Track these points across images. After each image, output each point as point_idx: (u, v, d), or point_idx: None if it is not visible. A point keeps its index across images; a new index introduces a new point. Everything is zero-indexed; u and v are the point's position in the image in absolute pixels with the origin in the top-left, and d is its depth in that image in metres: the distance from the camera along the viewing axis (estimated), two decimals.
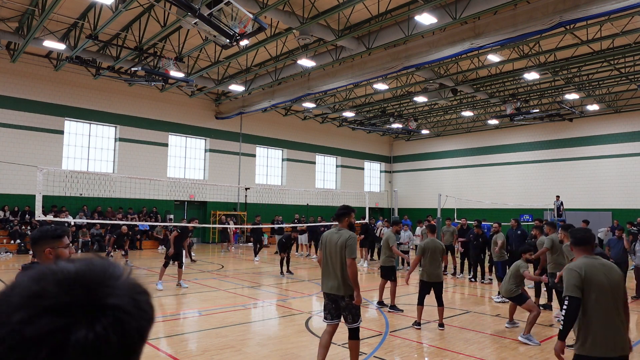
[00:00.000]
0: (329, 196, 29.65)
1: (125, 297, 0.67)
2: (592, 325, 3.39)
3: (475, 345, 6.68)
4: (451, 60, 18.36)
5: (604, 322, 3.38)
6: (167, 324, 7.97)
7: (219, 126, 26.52)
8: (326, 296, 5.20)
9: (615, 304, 3.44)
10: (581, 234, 3.68)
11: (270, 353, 6.17)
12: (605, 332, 3.37)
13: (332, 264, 5.07)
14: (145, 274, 13.56)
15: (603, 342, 3.37)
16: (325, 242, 5.21)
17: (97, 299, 0.64)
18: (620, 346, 3.41)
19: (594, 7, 11.84)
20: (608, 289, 3.43)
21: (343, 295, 5.00)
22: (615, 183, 25.89)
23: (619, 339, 3.41)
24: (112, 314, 0.64)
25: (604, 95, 24.02)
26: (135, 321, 0.66)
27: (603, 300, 3.40)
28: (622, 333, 3.44)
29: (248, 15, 10.28)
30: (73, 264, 0.69)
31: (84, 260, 0.71)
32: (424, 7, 13.44)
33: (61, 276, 0.65)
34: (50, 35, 16.75)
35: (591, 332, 3.39)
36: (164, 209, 23.73)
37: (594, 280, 3.41)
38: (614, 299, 3.45)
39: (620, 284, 3.53)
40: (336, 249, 5.04)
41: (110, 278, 0.68)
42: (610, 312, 3.40)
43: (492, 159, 31.28)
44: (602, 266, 3.51)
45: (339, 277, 5.00)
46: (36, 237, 2.76)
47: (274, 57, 18.84)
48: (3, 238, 18.35)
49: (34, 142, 20.13)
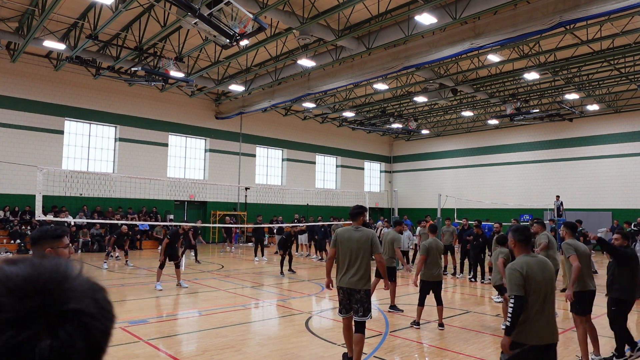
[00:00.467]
0: (329, 196, 29.66)
1: (85, 299, 0.64)
2: (529, 316, 3.72)
3: (475, 345, 6.68)
4: (451, 60, 18.36)
5: (540, 314, 3.73)
6: (167, 324, 7.97)
7: (219, 126, 26.52)
8: (342, 290, 5.42)
9: (547, 297, 3.80)
10: (525, 234, 3.96)
11: (270, 353, 6.17)
12: (541, 322, 3.73)
13: (353, 259, 5.34)
14: (145, 274, 13.57)
15: (538, 331, 3.73)
16: (343, 239, 5.44)
17: (57, 305, 0.61)
18: (552, 335, 3.80)
19: (594, 7, 11.84)
20: (542, 284, 3.78)
21: (359, 290, 5.29)
22: (615, 183, 25.89)
23: (551, 328, 3.79)
24: (75, 319, 0.61)
25: (604, 95, 24.02)
26: (99, 323, 0.64)
27: (538, 294, 3.75)
28: (553, 323, 3.81)
29: (248, 15, 10.28)
30: (17, 268, 0.64)
31: (29, 262, 0.66)
32: (424, 7, 13.43)
33: (11, 284, 0.62)
34: (50, 35, 16.75)
35: (528, 322, 3.72)
36: (164, 209, 23.73)
37: (532, 277, 3.75)
38: (547, 292, 3.80)
39: (553, 278, 3.91)
40: (359, 245, 5.34)
41: (65, 280, 0.65)
42: (544, 304, 3.76)
43: (492, 159, 31.28)
44: (538, 263, 3.84)
45: (359, 272, 5.31)
46: (36, 237, 2.75)
47: (274, 57, 18.84)
48: (3, 238, 18.36)
49: (34, 142, 20.14)
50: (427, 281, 7.77)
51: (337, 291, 5.54)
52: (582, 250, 6.14)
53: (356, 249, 5.35)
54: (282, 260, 13.97)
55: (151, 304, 9.40)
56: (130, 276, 13.31)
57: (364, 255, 5.35)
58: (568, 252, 6.12)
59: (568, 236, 6.44)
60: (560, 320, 8.41)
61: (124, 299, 9.86)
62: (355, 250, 5.36)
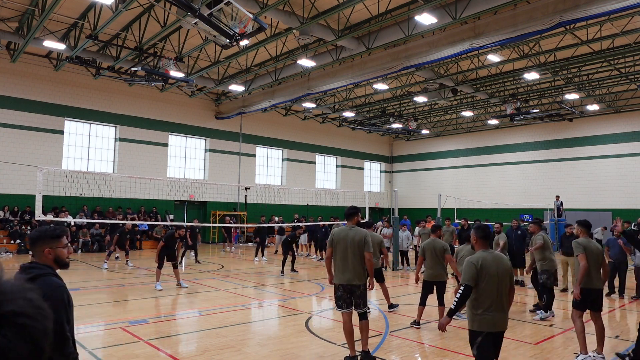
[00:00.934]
0: (329, 196, 29.66)
1: (20, 300, 0.62)
2: (485, 306, 4.12)
3: None
4: (451, 60, 18.36)
5: (495, 304, 4.12)
6: (167, 324, 7.97)
7: (219, 126, 26.52)
8: (342, 287, 5.71)
9: (500, 289, 4.16)
10: (485, 232, 4.36)
11: (270, 353, 6.17)
12: (495, 312, 4.12)
13: (350, 257, 5.65)
14: (145, 274, 13.57)
15: (494, 320, 4.12)
16: (339, 239, 5.73)
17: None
18: (501, 323, 4.17)
19: (594, 7, 11.84)
20: (496, 277, 4.13)
21: (359, 285, 5.67)
22: (615, 183, 25.89)
23: (501, 318, 4.15)
24: (14, 322, 0.59)
25: (604, 95, 24.02)
26: (37, 322, 0.62)
27: (492, 286, 4.12)
28: (504, 313, 4.17)
29: (248, 15, 10.27)
30: None
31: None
32: (424, 7, 13.43)
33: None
34: (50, 35, 16.75)
35: (485, 313, 4.12)
36: (164, 209, 23.73)
37: (486, 271, 4.13)
38: (500, 285, 4.15)
39: (507, 273, 4.23)
40: (354, 244, 5.65)
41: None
42: (498, 295, 4.13)
43: (492, 159, 31.28)
44: (494, 258, 4.22)
45: (356, 269, 5.64)
46: (35, 237, 2.75)
47: (274, 57, 18.84)
48: (3, 238, 18.36)
49: (34, 142, 20.14)
50: (428, 281, 7.78)
51: (336, 288, 5.78)
52: (592, 249, 6.14)
53: (352, 248, 5.64)
54: (285, 260, 13.97)
55: (151, 304, 9.40)
56: (130, 276, 13.31)
57: (360, 253, 5.64)
58: (577, 251, 6.14)
59: (583, 235, 6.41)
60: (560, 320, 8.41)
61: (124, 299, 9.86)
62: (351, 248, 5.64)
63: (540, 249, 8.85)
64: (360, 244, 5.64)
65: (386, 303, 9.20)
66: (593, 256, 6.11)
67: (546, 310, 8.47)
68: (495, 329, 4.14)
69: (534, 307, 9.13)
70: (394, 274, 14.53)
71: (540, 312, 8.48)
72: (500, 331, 4.21)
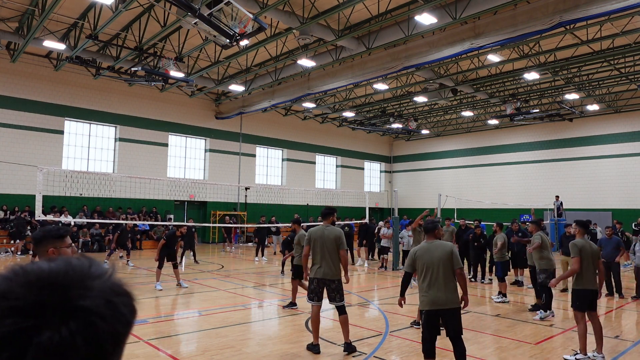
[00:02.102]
0: (329, 196, 29.65)
1: (99, 298, 0.63)
2: (423, 288, 4.87)
3: (475, 346, 6.67)
4: (451, 60, 18.36)
5: (429, 286, 4.82)
6: (167, 324, 7.97)
7: (219, 126, 26.52)
8: (317, 281, 6.15)
9: (440, 272, 4.81)
10: (431, 225, 5.06)
11: (270, 353, 6.17)
12: (431, 292, 4.80)
13: (327, 254, 6.10)
14: (145, 274, 13.57)
15: (429, 300, 4.81)
16: (316, 237, 6.17)
17: (68, 301, 0.61)
18: (441, 302, 4.78)
19: (594, 7, 11.84)
20: (432, 264, 4.84)
21: (333, 279, 6.10)
22: (615, 183, 25.88)
23: (440, 297, 4.78)
24: (82, 316, 0.60)
25: (604, 95, 24.02)
26: (108, 325, 0.62)
27: (428, 270, 4.85)
28: (444, 293, 4.78)
29: (248, 15, 10.27)
30: (49, 264, 0.65)
31: (64, 260, 0.67)
32: (424, 7, 13.43)
33: (32, 276, 0.63)
34: (50, 35, 16.75)
35: (423, 293, 4.88)
36: (164, 209, 23.73)
37: (422, 258, 4.90)
38: (435, 269, 4.82)
39: (445, 258, 4.84)
40: (331, 242, 6.09)
41: (86, 278, 0.65)
42: (435, 278, 4.80)
43: (492, 159, 31.27)
44: (434, 247, 4.93)
45: (332, 265, 6.10)
46: (39, 237, 2.75)
47: (274, 57, 18.84)
48: (3, 238, 18.35)
49: (34, 142, 20.14)
50: None
51: (311, 281, 6.22)
52: (588, 251, 6.17)
53: (329, 245, 6.10)
54: (285, 260, 13.96)
55: (151, 304, 9.40)
56: (130, 276, 13.30)
57: (334, 250, 6.11)
58: (573, 253, 6.14)
59: (580, 235, 6.41)
60: (560, 320, 8.41)
61: None
62: (327, 246, 6.10)
63: (538, 249, 8.86)
64: (335, 241, 6.10)
65: (387, 303, 9.19)
66: (589, 257, 6.15)
67: (545, 310, 8.48)
68: (436, 307, 4.80)
69: (532, 307, 9.14)
70: (395, 274, 14.53)
71: (540, 312, 8.49)
72: (443, 309, 4.80)
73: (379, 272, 15.23)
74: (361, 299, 10.45)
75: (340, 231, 6.22)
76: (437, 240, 5.03)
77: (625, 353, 6.51)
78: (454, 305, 4.83)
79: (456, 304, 4.85)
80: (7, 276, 0.63)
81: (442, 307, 4.80)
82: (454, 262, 4.90)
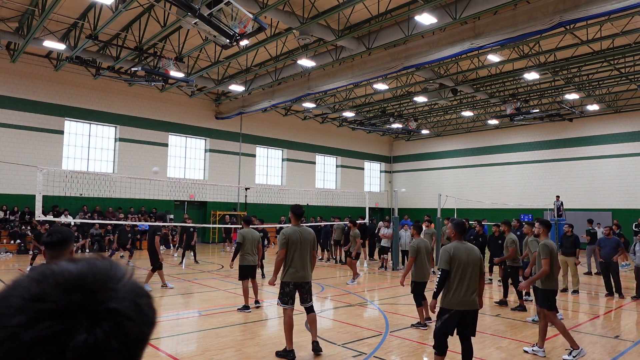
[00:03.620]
0: (329, 196, 29.65)
1: (126, 300, 0.65)
2: (451, 287, 4.89)
3: (475, 346, 6.65)
4: (451, 60, 18.36)
5: (459, 286, 4.86)
6: (167, 324, 7.97)
7: (219, 126, 26.52)
8: (294, 285, 6.03)
9: (471, 274, 4.90)
10: (461, 227, 5.08)
11: (270, 353, 6.17)
12: (461, 292, 4.85)
13: (306, 256, 6.05)
14: (145, 274, 13.54)
15: (458, 300, 4.86)
16: (296, 239, 6.01)
17: (98, 303, 0.62)
18: (469, 304, 4.89)
19: (594, 7, 11.84)
20: (469, 264, 4.90)
21: (309, 281, 6.14)
22: (615, 183, 25.88)
23: (467, 299, 4.87)
24: (112, 318, 0.62)
25: (604, 95, 24.02)
26: (136, 325, 0.64)
27: (463, 271, 4.89)
28: (471, 295, 4.88)
29: (248, 15, 10.27)
30: (75, 265, 0.67)
31: (87, 261, 0.69)
32: (424, 7, 13.43)
33: (62, 278, 0.64)
34: (50, 35, 16.75)
35: (451, 293, 4.89)
36: (164, 209, 23.70)
37: (458, 257, 4.90)
38: (471, 271, 4.90)
39: (477, 260, 4.96)
40: (308, 244, 6.06)
41: (111, 280, 0.66)
42: (466, 279, 4.87)
43: (492, 159, 31.28)
44: (464, 248, 4.97)
45: (309, 267, 6.11)
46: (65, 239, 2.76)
47: (274, 57, 18.84)
48: (3, 238, 18.35)
49: (34, 142, 20.13)
50: (414, 281, 7.81)
51: (286, 284, 6.03)
52: (555, 253, 6.42)
53: (306, 247, 6.05)
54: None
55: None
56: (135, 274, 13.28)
57: (308, 252, 6.07)
58: (543, 254, 6.28)
59: (544, 235, 6.58)
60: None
61: None
62: (305, 248, 6.04)
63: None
64: (312, 244, 6.10)
65: (387, 303, 9.19)
66: (555, 259, 6.42)
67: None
68: (463, 308, 4.88)
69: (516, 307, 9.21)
70: (393, 274, 14.53)
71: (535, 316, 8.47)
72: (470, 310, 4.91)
73: (379, 272, 15.23)
74: (361, 299, 10.44)
75: (313, 232, 6.20)
76: (466, 242, 5.08)
77: (625, 353, 6.51)
78: (476, 307, 4.99)
79: (477, 307, 5.00)
80: (36, 278, 0.64)
81: (469, 309, 4.90)
82: (482, 266, 5.06)
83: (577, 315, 9.26)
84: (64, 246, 2.74)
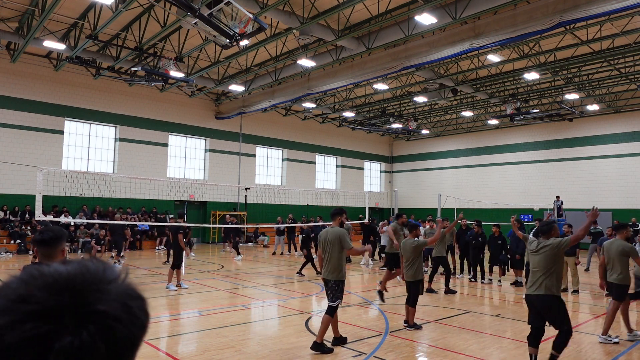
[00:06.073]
0: (329, 196, 29.65)
1: (115, 302, 0.64)
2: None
3: (475, 346, 6.68)
4: (451, 60, 18.36)
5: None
6: (167, 324, 7.97)
7: (219, 126, 26.52)
8: (323, 281, 6.58)
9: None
10: (546, 227, 5.61)
11: (270, 353, 6.17)
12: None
13: (329, 254, 6.40)
14: (145, 274, 13.56)
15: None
16: (323, 239, 6.51)
17: (86, 305, 0.61)
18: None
19: (594, 7, 11.84)
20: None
21: (330, 279, 6.37)
22: (615, 183, 25.88)
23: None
24: (100, 320, 0.61)
25: (604, 95, 24.02)
26: (125, 328, 0.63)
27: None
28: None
29: (248, 15, 10.28)
30: (66, 267, 0.65)
31: (79, 262, 0.67)
32: (424, 7, 13.44)
33: (51, 280, 0.63)
34: (50, 35, 16.75)
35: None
36: (164, 209, 23.72)
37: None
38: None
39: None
40: (333, 242, 6.38)
41: (102, 282, 0.65)
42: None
43: (492, 159, 31.27)
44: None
45: (331, 265, 6.38)
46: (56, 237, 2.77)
47: (274, 57, 18.84)
48: (3, 238, 18.35)
49: (34, 142, 20.13)
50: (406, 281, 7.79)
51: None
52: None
53: (330, 246, 6.42)
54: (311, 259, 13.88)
55: (151, 304, 9.37)
56: (130, 276, 13.28)
57: (335, 251, 6.39)
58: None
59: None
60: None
61: None
62: (330, 247, 6.42)
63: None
64: (336, 242, 6.39)
65: (387, 303, 9.19)
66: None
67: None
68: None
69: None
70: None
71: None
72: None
73: (380, 271, 15.23)
74: (362, 299, 10.44)
75: (342, 231, 6.44)
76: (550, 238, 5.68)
77: (625, 353, 6.51)
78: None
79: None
80: (25, 279, 0.63)
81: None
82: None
83: (577, 315, 9.26)
84: (55, 244, 2.74)
